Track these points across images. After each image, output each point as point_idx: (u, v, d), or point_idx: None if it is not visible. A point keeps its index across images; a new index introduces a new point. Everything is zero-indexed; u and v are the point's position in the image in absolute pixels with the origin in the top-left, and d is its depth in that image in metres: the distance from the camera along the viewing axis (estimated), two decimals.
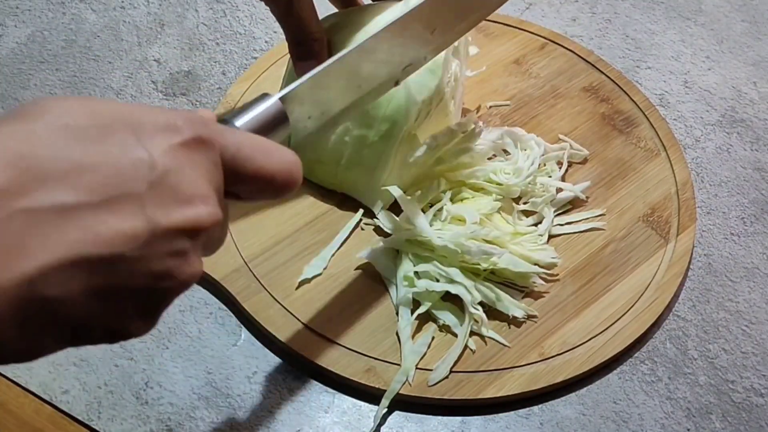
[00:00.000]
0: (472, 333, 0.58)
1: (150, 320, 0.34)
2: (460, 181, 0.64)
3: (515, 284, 0.60)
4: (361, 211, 0.64)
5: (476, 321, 0.58)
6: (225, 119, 0.41)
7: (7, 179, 0.28)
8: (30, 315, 0.29)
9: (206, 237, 0.34)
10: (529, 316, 0.59)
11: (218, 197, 0.35)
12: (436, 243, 0.59)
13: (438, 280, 0.59)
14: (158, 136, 0.32)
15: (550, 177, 0.66)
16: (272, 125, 0.42)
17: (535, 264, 0.60)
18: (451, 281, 0.58)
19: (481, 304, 0.58)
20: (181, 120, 0.33)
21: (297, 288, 0.60)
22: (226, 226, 0.38)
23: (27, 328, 0.29)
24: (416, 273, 0.59)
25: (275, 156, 0.38)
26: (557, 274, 0.61)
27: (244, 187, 0.37)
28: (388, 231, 0.61)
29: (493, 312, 0.59)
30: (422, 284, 0.58)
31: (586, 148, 0.69)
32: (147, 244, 0.31)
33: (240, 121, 0.41)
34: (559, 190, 0.65)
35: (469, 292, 0.58)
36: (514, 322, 0.59)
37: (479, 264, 0.59)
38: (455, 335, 0.58)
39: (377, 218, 0.62)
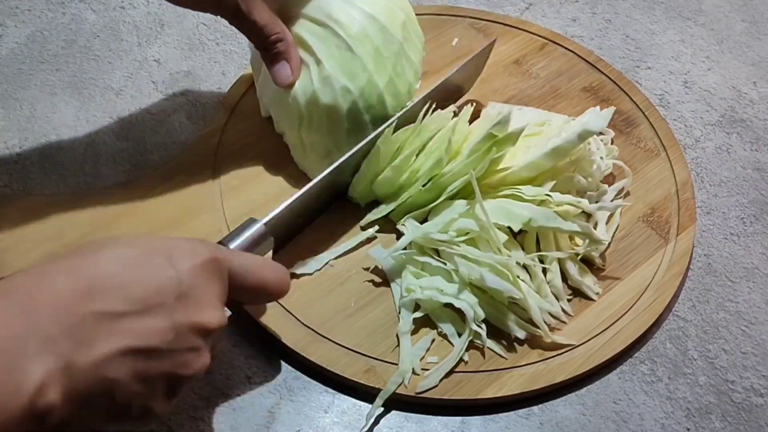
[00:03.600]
0: (471, 344, 0.57)
1: (170, 400, 0.45)
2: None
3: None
4: (376, 227, 0.63)
5: (477, 334, 0.57)
6: (221, 242, 0.54)
7: (82, 290, 0.40)
8: (94, 394, 0.40)
9: (214, 337, 0.46)
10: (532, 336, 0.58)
11: (222, 306, 0.47)
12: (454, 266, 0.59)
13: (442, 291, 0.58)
14: (184, 258, 0.44)
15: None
16: (258, 243, 0.55)
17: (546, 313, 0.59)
18: (456, 296, 0.58)
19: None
20: (201, 245, 0.46)
21: (294, 280, 0.60)
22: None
23: (91, 406, 0.40)
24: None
25: (268, 270, 0.51)
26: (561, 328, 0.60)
27: (244, 294, 0.50)
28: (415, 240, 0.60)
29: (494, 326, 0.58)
30: (427, 293, 0.58)
31: None
32: (173, 340, 0.43)
33: (233, 245, 0.54)
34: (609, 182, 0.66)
35: (473, 308, 0.57)
36: (516, 339, 0.58)
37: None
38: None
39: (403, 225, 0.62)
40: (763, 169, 0.71)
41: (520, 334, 0.58)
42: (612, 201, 0.65)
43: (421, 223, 0.62)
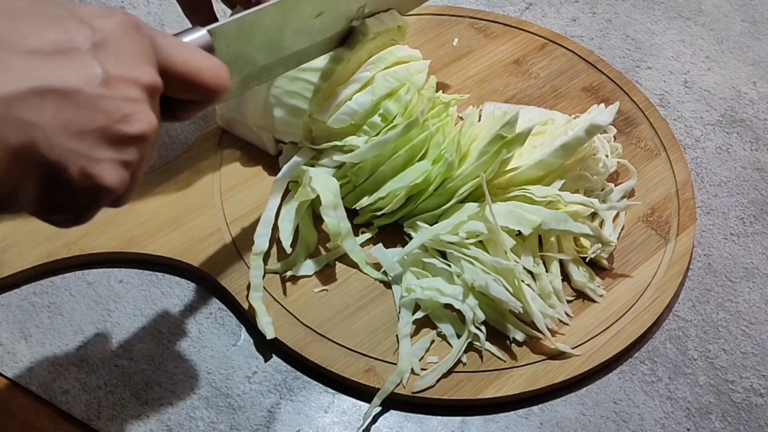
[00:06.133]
0: (470, 346, 0.57)
1: (120, 168, 0.37)
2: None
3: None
4: (368, 235, 0.63)
5: (476, 336, 0.57)
6: None
7: None
8: (14, 144, 0.34)
9: (154, 101, 0.39)
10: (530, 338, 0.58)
11: (152, 66, 0.39)
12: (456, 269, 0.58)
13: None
14: (95, 17, 0.37)
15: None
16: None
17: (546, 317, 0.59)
18: (456, 298, 0.58)
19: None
20: (113, 8, 0.39)
21: (291, 283, 0.60)
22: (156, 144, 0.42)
23: (13, 163, 0.34)
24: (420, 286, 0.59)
25: (201, 54, 0.41)
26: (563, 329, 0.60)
27: (173, 83, 0.40)
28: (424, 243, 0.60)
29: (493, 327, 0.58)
30: (427, 294, 0.58)
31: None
32: (102, 85, 0.36)
33: None
34: (612, 180, 0.66)
35: (473, 310, 0.57)
36: (515, 341, 0.58)
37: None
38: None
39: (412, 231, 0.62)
40: (763, 169, 0.71)
41: (519, 337, 0.57)
42: (619, 201, 0.65)
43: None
